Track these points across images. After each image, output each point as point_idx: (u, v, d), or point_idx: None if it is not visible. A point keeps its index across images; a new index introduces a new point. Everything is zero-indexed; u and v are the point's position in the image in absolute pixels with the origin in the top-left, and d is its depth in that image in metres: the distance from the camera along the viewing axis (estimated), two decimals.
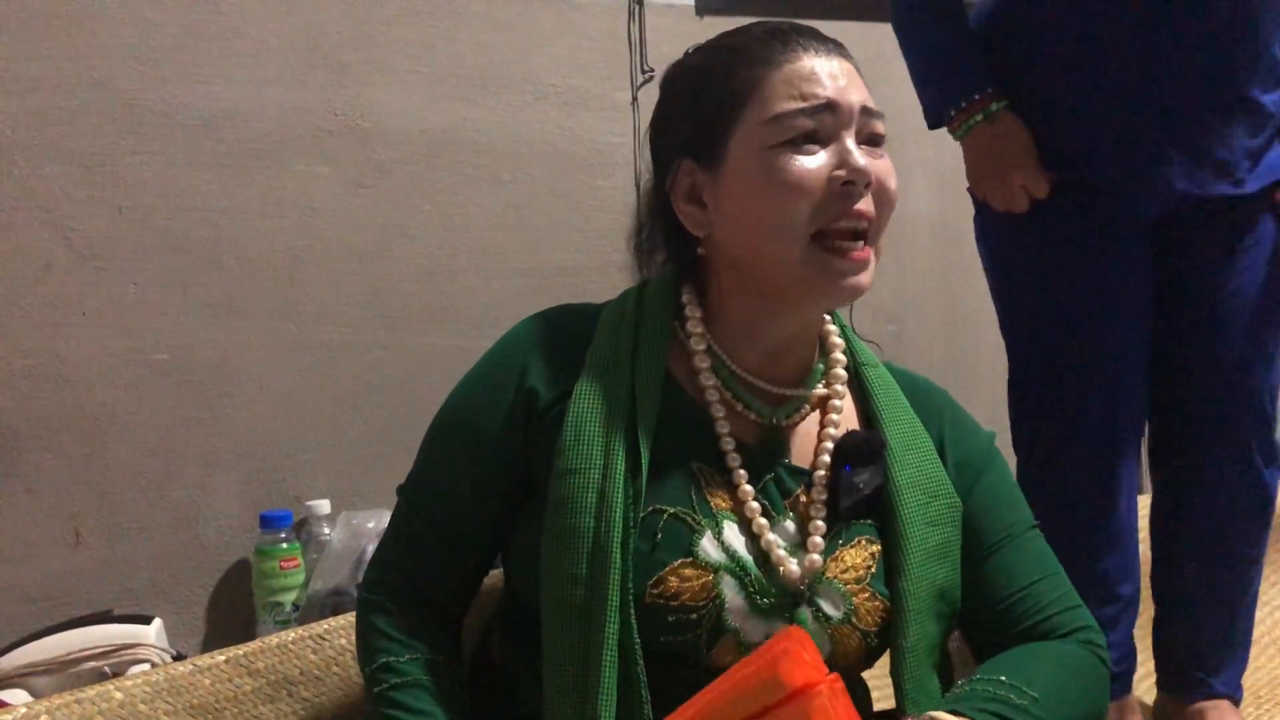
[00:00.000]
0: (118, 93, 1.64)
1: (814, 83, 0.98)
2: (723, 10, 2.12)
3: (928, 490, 1.04)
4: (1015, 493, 1.13)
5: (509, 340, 1.07)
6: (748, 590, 0.96)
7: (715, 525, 0.98)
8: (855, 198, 0.97)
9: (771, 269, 0.99)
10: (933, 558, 1.02)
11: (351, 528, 1.70)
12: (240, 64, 1.73)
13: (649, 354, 1.02)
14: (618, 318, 1.05)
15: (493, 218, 1.94)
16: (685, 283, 1.07)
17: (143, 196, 1.66)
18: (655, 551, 0.95)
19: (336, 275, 1.81)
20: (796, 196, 0.96)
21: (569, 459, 0.97)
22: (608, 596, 0.92)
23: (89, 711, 1.09)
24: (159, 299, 1.67)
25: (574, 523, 0.94)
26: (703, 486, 0.99)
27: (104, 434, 1.63)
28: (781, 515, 1.01)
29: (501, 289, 1.93)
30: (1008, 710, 0.97)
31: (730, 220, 1.01)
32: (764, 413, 1.04)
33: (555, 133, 2.00)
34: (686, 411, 1.02)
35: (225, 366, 1.72)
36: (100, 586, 1.63)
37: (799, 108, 0.97)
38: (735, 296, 1.04)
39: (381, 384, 1.84)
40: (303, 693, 1.23)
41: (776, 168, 0.97)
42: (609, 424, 0.98)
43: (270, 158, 1.75)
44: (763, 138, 0.98)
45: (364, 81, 1.83)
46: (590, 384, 1.00)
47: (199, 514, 1.70)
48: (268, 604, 1.66)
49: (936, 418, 1.11)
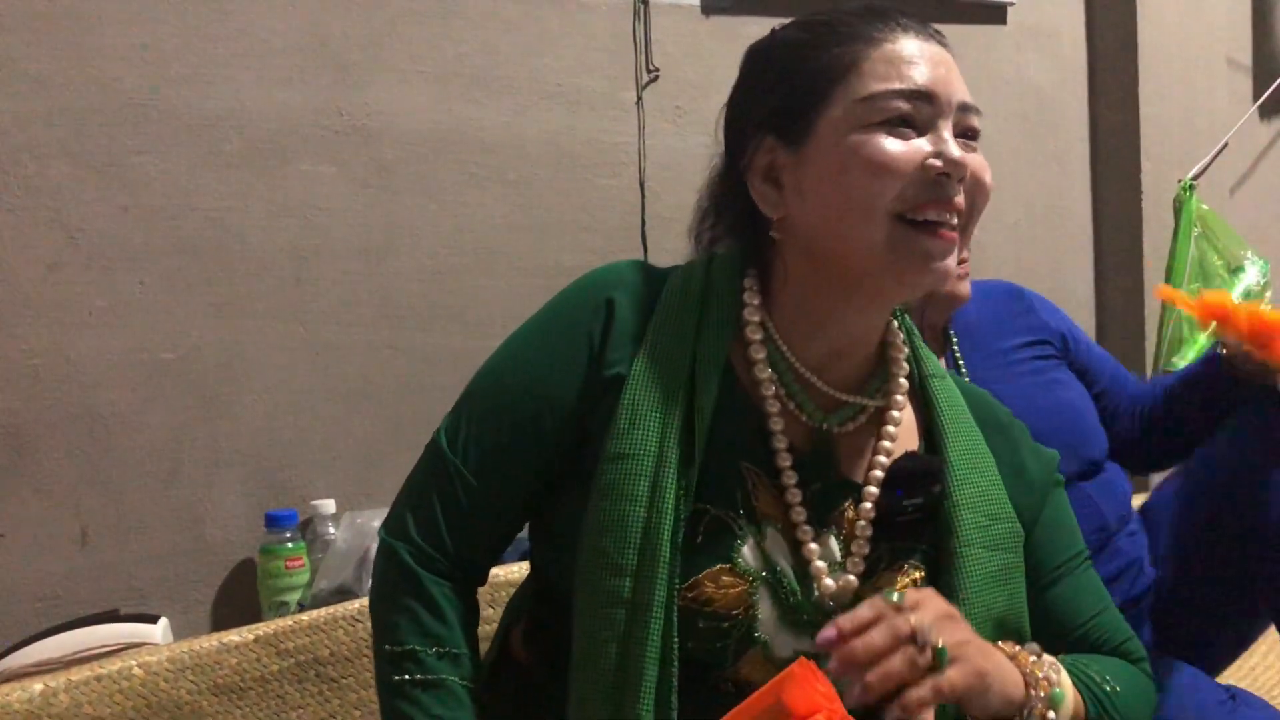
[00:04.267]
0: (124, 93, 1.64)
1: (914, 66, 0.93)
2: (729, 10, 2.11)
3: (989, 513, 0.98)
4: (1073, 520, 1.08)
5: (579, 298, 1.00)
6: (782, 603, 0.92)
7: (758, 532, 0.93)
8: (949, 189, 0.92)
9: (852, 253, 0.93)
10: (992, 583, 0.96)
11: (356, 527, 1.70)
12: (246, 64, 1.73)
13: (713, 338, 0.96)
14: (683, 292, 0.98)
15: (498, 217, 1.93)
16: (749, 266, 1.01)
17: (149, 196, 1.66)
18: (695, 554, 0.91)
19: (342, 275, 1.81)
20: (886, 177, 0.91)
21: (622, 443, 0.91)
22: (655, 591, 0.87)
23: (109, 689, 1.06)
24: (165, 299, 1.67)
25: (625, 510, 0.89)
26: (750, 489, 0.94)
27: (110, 433, 1.63)
28: (825, 529, 0.96)
29: (507, 288, 1.93)
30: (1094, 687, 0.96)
31: (811, 201, 0.95)
32: (817, 417, 0.98)
33: (561, 132, 2.00)
34: (740, 405, 0.96)
35: (231, 366, 1.72)
36: (106, 585, 1.63)
37: (896, 88, 0.92)
38: (803, 285, 0.98)
39: (387, 383, 1.84)
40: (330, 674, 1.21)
41: (865, 145, 0.91)
42: (666, 409, 0.92)
43: (276, 157, 1.75)
44: (855, 117, 0.92)
45: (370, 81, 1.83)
46: (650, 362, 0.94)
47: (205, 513, 1.70)
48: (273, 603, 1.67)
49: (1002, 437, 1.05)
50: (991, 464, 1.02)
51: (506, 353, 1.02)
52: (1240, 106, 2.92)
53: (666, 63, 2.09)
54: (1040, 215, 2.60)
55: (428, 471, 1.00)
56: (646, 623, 0.87)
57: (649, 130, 2.07)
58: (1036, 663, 0.92)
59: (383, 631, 0.97)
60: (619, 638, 0.87)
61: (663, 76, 2.08)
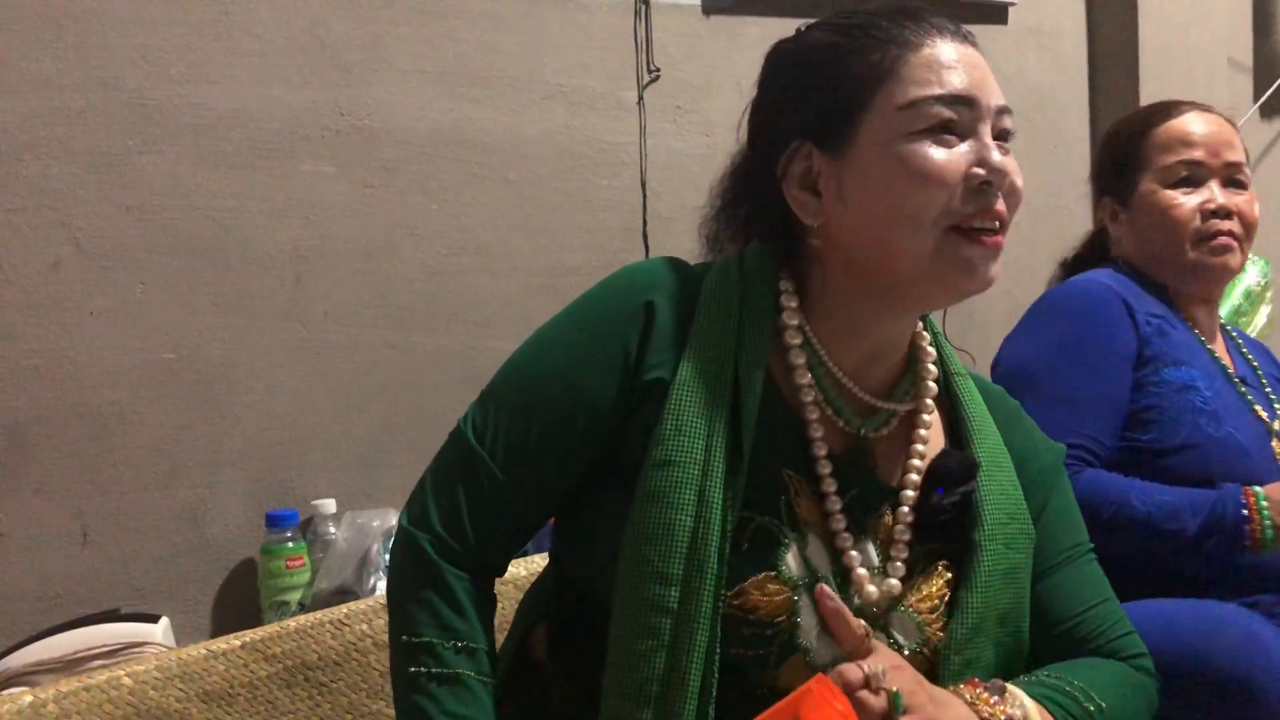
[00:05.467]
0: (125, 92, 1.65)
1: (954, 71, 0.93)
2: (729, 10, 2.11)
3: (1008, 511, 0.99)
4: (1077, 511, 1.09)
5: (617, 295, 0.98)
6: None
7: (801, 540, 0.93)
8: (991, 197, 0.92)
9: (898, 262, 0.92)
10: (1001, 580, 0.97)
11: (357, 527, 1.70)
12: (247, 64, 1.73)
13: (754, 342, 0.95)
14: (721, 295, 0.97)
15: (499, 217, 1.94)
16: (783, 269, 1.00)
17: (150, 196, 1.66)
18: (740, 562, 0.90)
19: (343, 275, 1.81)
20: (934, 188, 0.91)
21: (668, 449, 0.90)
22: (702, 601, 0.87)
23: (98, 699, 1.06)
24: (166, 298, 1.67)
25: (671, 519, 0.88)
26: (792, 496, 0.94)
27: (111, 433, 1.63)
28: (863, 535, 0.96)
29: (508, 288, 1.93)
30: (1071, 705, 0.95)
31: (854, 210, 0.94)
32: (854, 422, 0.98)
33: (562, 132, 2.00)
34: (780, 411, 0.96)
35: (232, 366, 1.72)
36: (107, 585, 1.63)
37: (938, 94, 0.92)
38: (843, 291, 0.97)
39: (388, 383, 1.84)
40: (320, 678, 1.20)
41: (914, 156, 0.91)
42: (711, 416, 0.91)
43: (277, 157, 1.76)
44: (898, 124, 0.92)
45: (370, 81, 1.83)
46: (693, 368, 0.92)
47: (206, 513, 1.70)
48: (273, 603, 1.67)
49: (1015, 427, 1.06)
50: (1010, 462, 1.02)
51: (540, 349, 0.99)
52: (1241, 106, 2.93)
53: (667, 63, 2.09)
54: (1040, 215, 2.60)
55: (453, 462, 0.98)
56: (693, 633, 0.86)
57: (650, 130, 2.08)
58: (999, 703, 0.91)
59: (400, 621, 0.96)
60: (665, 646, 0.87)
61: (663, 76, 2.08)
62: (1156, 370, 1.48)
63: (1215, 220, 1.55)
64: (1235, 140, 1.62)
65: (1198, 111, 1.63)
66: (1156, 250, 1.59)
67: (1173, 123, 1.61)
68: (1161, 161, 1.59)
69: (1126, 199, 1.62)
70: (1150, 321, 1.52)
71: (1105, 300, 1.52)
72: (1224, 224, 1.55)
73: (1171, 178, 1.57)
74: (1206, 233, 1.55)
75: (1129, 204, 1.62)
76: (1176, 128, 1.60)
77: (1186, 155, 1.57)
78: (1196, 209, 1.55)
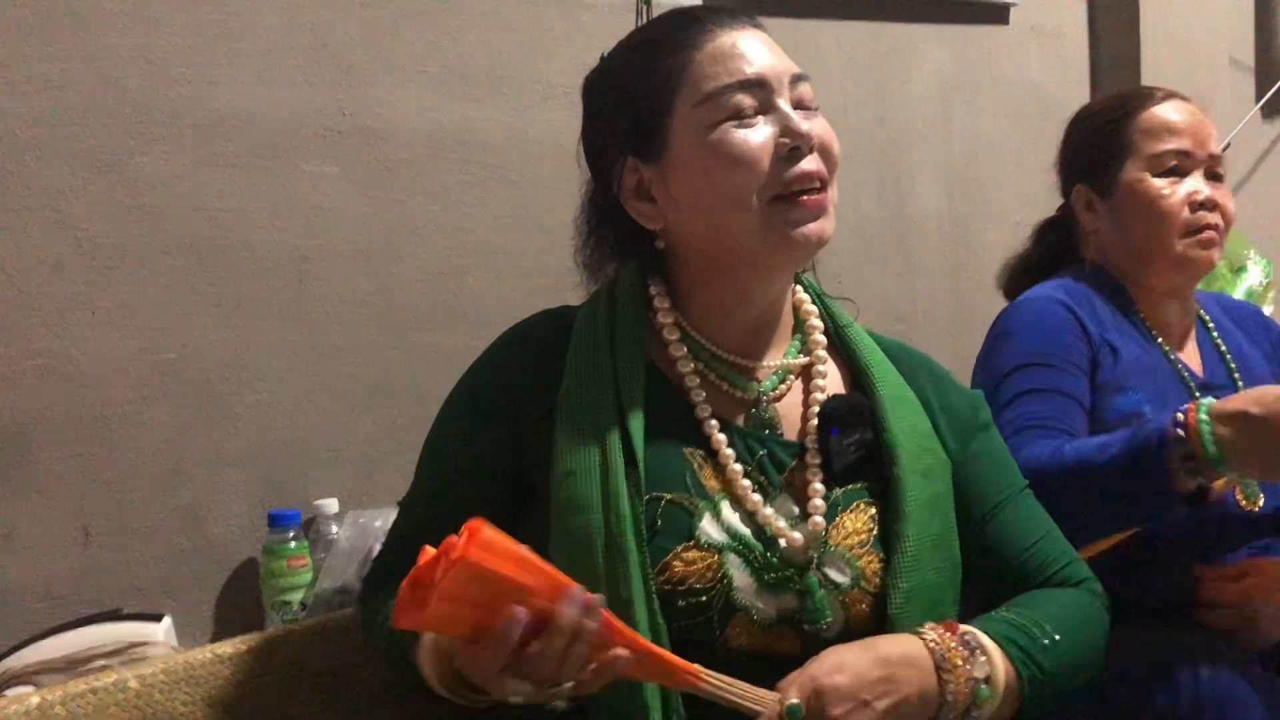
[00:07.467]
0: (127, 93, 1.65)
1: (739, 58, 1.01)
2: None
3: (920, 445, 1.06)
4: (1007, 453, 1.16)
5: (492, 359, 1.09)
6: (753, 567, 0.97)
7: (713, 507, 0.99)
8: (802, 160, 0.99)
9: (734, 242, 1.01)
10: (928, 509, 1.03)
11: (359, 527, 1.70)
12: (249, 64, 1.73)
13: (627, 349, 1.03)
14: (591, 320, 1.06)
15: (501, 218, 1.94)
16: (651, 276, 1.09)
17: (152, 196, 1.67)
18: (657, 539, 0.96)
19: (345, 275, 1.81)
20: (747, 167, 0.98)
21: (566, 461, 0.98)
22: (631, 588, 0.92)
23: (104, 701, 1.07)
24: (168, 299, 1.68)
25: (583, 521, 0.95)
26: (696, 470, 1.01)
27: (113, 433, 1.64)
28: (778, 490, 1.02)
29: (510, 289, 1.93)
30: (1029, 643, 0.99)
31: (684, 205, 1.03)
32: (750, 389, 1.06)
33: (563, 132, 1.99)
34: (671, 399, 1.04)
35: (234, 366, 1.72)
36: (109, 585, 1.63)
37: (729, 83, 1.00)
38: (704, 280, 1.06)
39: (390, 384, 1.84)
40: (326, 683, 1.21)
41: (722, 144, 0.99)
42: (600, 422, 0.99)
43: (279, 158, 1.76)
44: (701, 118, 1.00)
45: (372, 82, 1.83)
46: (575, 387, 1.01)
47: (208, 513, 1.71)
48: (276, 603, 1.67)
49: (920, 376, 1.13)
50: (915, 400, 1.09)
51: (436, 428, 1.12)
52: (1243, 107, 2.92)
53: None
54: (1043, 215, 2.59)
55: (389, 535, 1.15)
56: (630, 618, 0.91)
57: None
58: (968, 659, 0.95)
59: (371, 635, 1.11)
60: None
61: None
62: (1104, 397, 1.44)
63: (1203, 212, 1.52)
64: (1214, 132, 1.60)
65: (1176, 100, 1.60)
66: (1139, 241, 1.54)
67: (1155, 109, 1.58)
68: (1149, 149, 1.54)
69: (1106, 187, 1.57)
70: (1102, 343, 1.48)
71: (1060, 318, 1.48)
72: (1210, 216, 1.52)
73: (1160, 166, 1.53)
74: (1195, 225, 1.51)
75: (1109, 193, 1.57)
76: (1160, 114, 1.57)
77: (1175, 144, 1.54)
78: (1185, 200, 1.52)
